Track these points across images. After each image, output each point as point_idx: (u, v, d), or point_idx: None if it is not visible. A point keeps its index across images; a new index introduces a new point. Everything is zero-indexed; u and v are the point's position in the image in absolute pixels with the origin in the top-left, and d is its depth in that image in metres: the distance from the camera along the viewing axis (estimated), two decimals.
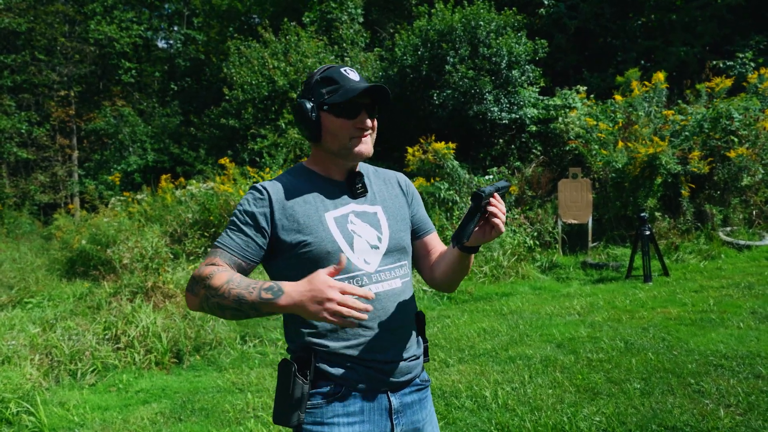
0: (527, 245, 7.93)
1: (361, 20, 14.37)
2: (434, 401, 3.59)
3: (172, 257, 6.93)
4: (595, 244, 8.32)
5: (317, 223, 1.42)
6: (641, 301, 5.74)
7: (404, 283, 1.50)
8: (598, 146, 8.83)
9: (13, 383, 4.05)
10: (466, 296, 6.60)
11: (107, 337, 4.97)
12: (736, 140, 8.30)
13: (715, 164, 8.27)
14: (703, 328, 4.64)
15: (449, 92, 9.91)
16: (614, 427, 3.05)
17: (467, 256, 1.48)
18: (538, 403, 3.45)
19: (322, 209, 1.44)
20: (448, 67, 9.88)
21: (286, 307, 1.22)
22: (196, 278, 1.34)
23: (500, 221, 1.36)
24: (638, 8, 14.45)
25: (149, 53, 21.29)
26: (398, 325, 1.46)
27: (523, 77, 10.24)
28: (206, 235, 8.02)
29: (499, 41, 9.95)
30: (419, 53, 10.32)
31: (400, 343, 1.46)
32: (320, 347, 1.41)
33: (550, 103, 10.28)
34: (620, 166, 8.29)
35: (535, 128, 10.14)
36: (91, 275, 7.59)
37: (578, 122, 9.44)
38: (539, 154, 10.19)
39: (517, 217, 8.62)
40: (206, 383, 4.40)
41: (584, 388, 3.62)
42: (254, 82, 12.21)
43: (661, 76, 9.49)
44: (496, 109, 9.87)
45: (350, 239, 1.43)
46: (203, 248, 7.66)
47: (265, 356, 4.92)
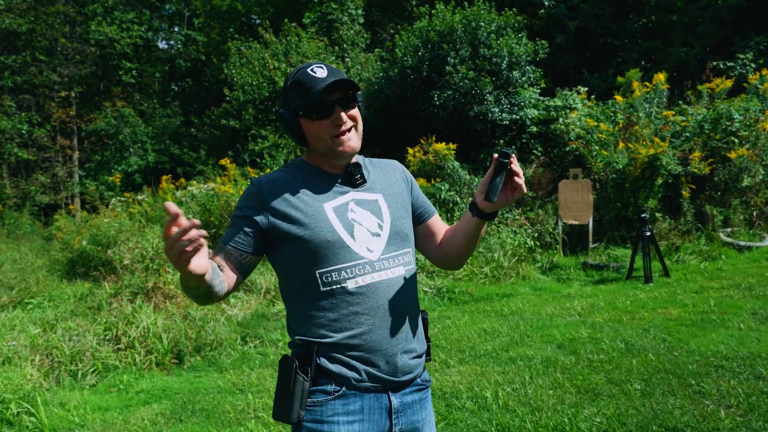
0: (528, 246, 7.93)
1: (361, 21, 14.38)
2: (435, 402, 3.60)
3: None
4: (595, 244, 8.32)
5: (315, 213, 1.43)
6: (642, 301, 5.74)
7: (407, 270, 1.50)
8: (598, 147, 8.83)
9: (13, 384, 4.06)
10: (466, 297, 6.60)
11: (108, 337, 4.97)
12: (736, 141, 8.31)
13: (715, 165, 8.27)
14: (703, 329, 4.64)
15: (450, 93, 9.92)
16: (615, 428, 3.05)
17: (483, 223, 1.50)
18: (538, 403, 3.45)
19: (320, 200, 1.46)
20: (448, 67, 9.88)
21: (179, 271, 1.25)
22: None
23: (522, 180, 1.40)
24: (639, 9, 14.46)
25: (150, 54, 21.30)
26: (401, 310, 1.46)
27: (523, 78, 10.24)
28: (207, 236, 8.01)
29: (499, 42, 9.95)
30: (420, 54, 10.33)
31: (403, 330, 1.47)
32: (322, 339, 1.42)
33: (550, 103, 10.28)
34: (621, 166, 8.30)
35: (535, 129, 10.15)
36: (91, 276, 7.60)
37: (579, 123, 9.44)
38: (540, 154, 10.19)
39: (517, 217, 8.62)
40: (207, 384, 4.40)
41: (585, 388, 3.62)
42: (255, 82, 12.22)
43: (662, 76, 9.49)
44: (496, 109, 9.87)
45: (350, 228, 1.44)
46: None
47: (265, 357, 4.92)
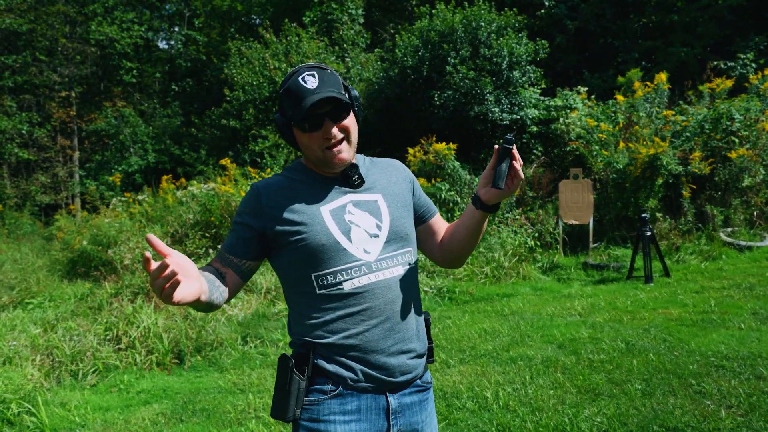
0: (528, 246, 7.93)
1: (361, 21, 14.38)
2: (435, 402, 3.59)
3: None
4: (596, 244, 8.32)
5: (312, 217, 1.43)
6: (642, 301, 5.74)
7: (407, 269, 1.50)
8: (599, 147, 8.83)
9: (14, 384, 4.06)
10: (467, 297, 6.59)
11: (108, 337, 4.98)
12: (737, 141, 8.31)
13: (716, 165, 8.27)
14: (704, 329, 4.64)
15: (450, 93, 9.91)
16: (615, 428, 3.05)
17: (485, 216, 1.51)
18: (539, 403, 3.45)
19: (317, 203, 1.45)
20: (448, 67, 9.88)
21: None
22: None
23: (520, 165, 1.42)
24: (639, 9, 14.45)
25: (150, 54, 21.30)
26: (401, 309, 1.46)
27: (524, 78, 10.24)
28: (207, 235, 8.02)
29: (499, 42, 9.95)
30: (420, 54, 10.32)
31: (402, 330, 1.46)
32: (320, 339, 1.42)
33: (550, 103, 10.28)
34: (621, 166, 8.29)
35: (536, 129, 10.15)
36: (92, 276, 7.61)
37: (579, 123, 9.44)
38: (540, 154, 10.19)
39: (518, 217, 8.62)
40: (207, 384, 4.40)
41: (585, 388, 3.62)
42: (255, 82, 12.23)
43: (663, 76, 9.49)
44: (497, 109, 9.87)
45: (347, 230, 1.44)
46: (204, 249, 7.66)
47: (266, 357, 4.92)
